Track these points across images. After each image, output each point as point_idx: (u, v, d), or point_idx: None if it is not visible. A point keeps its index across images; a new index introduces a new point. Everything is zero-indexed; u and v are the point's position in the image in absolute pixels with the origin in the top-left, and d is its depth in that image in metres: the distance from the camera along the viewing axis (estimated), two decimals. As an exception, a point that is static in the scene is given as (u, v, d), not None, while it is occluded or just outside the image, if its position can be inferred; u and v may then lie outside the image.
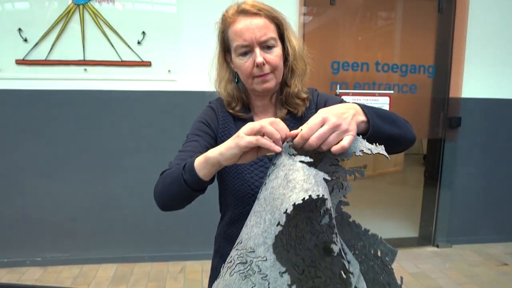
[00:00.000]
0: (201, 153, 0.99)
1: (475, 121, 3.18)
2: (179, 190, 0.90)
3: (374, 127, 0.80)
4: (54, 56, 2.71)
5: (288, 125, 0.98)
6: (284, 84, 1.09)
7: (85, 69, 2.76)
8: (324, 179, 0.64)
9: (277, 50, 1.00)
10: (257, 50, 0.97)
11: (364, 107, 0.82)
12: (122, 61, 2.78)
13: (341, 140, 0.71)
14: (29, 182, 2.81)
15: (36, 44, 2.68)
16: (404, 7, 3.10)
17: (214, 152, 0.81)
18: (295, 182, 0.62)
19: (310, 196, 0.58)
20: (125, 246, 2.96)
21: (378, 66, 3.02)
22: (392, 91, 2.82)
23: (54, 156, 2.81)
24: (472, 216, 3.33)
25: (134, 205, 2.90)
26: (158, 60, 2.83)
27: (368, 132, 0.80)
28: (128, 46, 2.77)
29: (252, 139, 0.72)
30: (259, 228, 0.63)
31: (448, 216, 3.29)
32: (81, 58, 2.73)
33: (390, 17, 3.14)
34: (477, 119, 3.18)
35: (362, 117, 0.79)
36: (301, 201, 0.58)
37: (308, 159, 0.66)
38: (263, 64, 0.97)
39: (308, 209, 0.77)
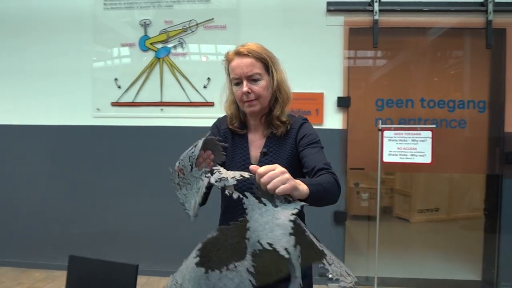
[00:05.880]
0: None
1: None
2: None
3: (312, 191, 0.94)
4: (139, 99, 3.38)
5: (266, 142, 1.30)
6: (270, 108, 1.37)
7: (162, 109, 3.37)
8: None
9: (262, 82, 1.27)
10: (245, 82, 1.25)
11: (309, 184, 0.96)
12: (190, 102, 3.33)
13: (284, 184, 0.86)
14: (112, 202, 3.42)
15: (127, 89, 3.38)
16: (447, 44, 3.19)
17: None
18: None
19: None
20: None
21: (423, 103, 3.11)
22: (434, 126, 2.88)
23: (133, 180, 3.40)
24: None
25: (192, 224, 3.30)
26: (221, 102, 3.32)
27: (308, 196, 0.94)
28: (196, 90, 3.32)
29: None
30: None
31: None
32: (159, 100, 3.36)
33: (434, 56, 3.25)
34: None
35: (305, 190, 0.93)
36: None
37: None
38: (249, 92, 1.25)
39: None
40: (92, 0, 3.37)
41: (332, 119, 3.22)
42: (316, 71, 3.22)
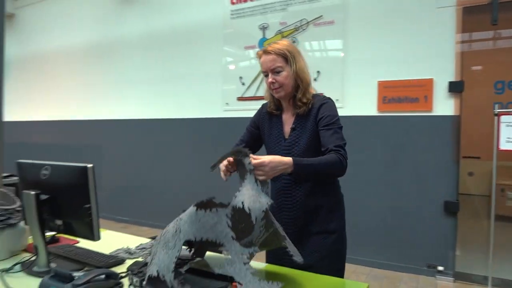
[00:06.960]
0: (246, 140, 1.74)
1: None
2: None
3: (296, 172, 1.36)
4: (259, 93, 3.87)
5: (295, 120, 1.56)
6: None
7: (277, 102, 3.77)
8: None
9: (284, 73, 1.54)
10: (270, 74, 1.55)
11: (297, 164, 1.35)
12: (301, 94, 3.64)
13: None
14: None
15: (249, 86, 3.91)
16: None
17: None
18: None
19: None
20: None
21: (558, 82, 2.70)
22: None
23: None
24: None
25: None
26: (329, 92, 3.53)
27: (292, 173, 1.37)
28: (306, 83, 3.61)
29: None
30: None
31: None
32: (275, 93, 3.77)
33: None
34: None
35: (290, 170, 1.35)
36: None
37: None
38: (273, 82, 1.54)
39: None
40: (221, 11, 4.03)
41: (443, 106, 3.07)
42: (425, 56, 3.13)
